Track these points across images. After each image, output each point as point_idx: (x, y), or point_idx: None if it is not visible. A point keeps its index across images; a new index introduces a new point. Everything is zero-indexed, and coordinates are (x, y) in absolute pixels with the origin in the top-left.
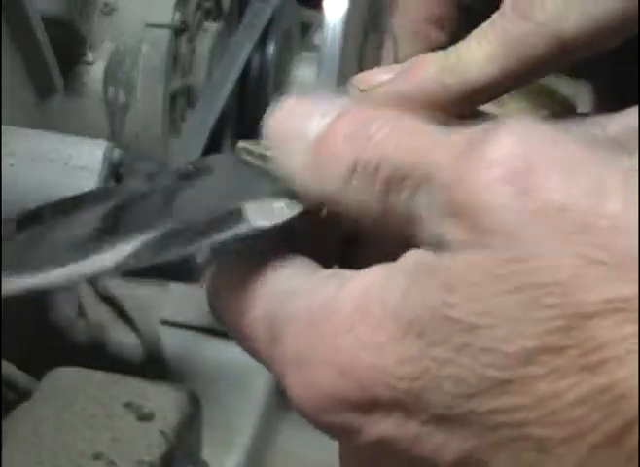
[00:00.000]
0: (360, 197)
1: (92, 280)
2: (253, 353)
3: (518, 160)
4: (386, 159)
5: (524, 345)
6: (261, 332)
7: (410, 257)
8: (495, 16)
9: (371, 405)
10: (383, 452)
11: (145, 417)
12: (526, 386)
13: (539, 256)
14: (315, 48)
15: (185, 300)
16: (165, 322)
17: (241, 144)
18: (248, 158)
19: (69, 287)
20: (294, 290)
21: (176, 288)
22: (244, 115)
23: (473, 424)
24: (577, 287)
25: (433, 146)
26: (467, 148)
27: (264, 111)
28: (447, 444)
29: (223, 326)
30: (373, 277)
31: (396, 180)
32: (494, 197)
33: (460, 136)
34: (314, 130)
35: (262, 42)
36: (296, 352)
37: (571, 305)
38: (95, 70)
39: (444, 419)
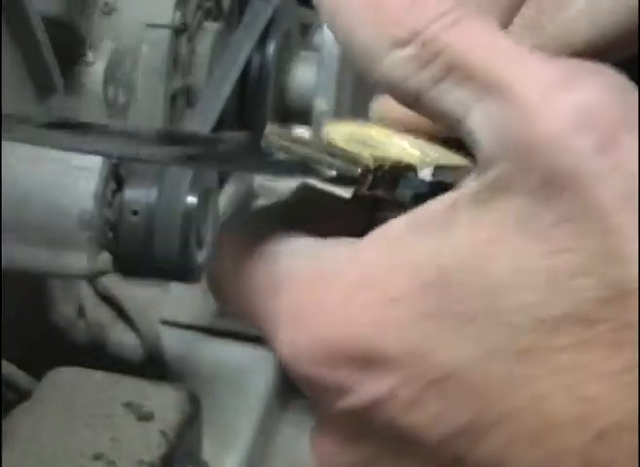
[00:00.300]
0: (404, 73)
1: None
2: (250, 315)
3: (610, 113)
4: (455, 46)
5: (556, 312)
6: (260, 288)
7: (440, 202)
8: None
9: (372, 361)
10: (367, 422)
11: (145, 417)
12: (547, 356)
13: (600, 219)
14: (315, 48)
15: (185, 300)
16: (165, 322)
17: (272, 130)
18: (284, 143)
19: (108, 156)
20: (298, 251)
21: (176, 288)
22: (244, 115)
23: (477, 395)
24: (626, 260)
25: (516, 60)
26: (557, 83)
27: (264, 111)
28: (443, 415)
29: (220, 322)
30: (396, 228)
31: (457, 75)
32: (572, 148)
33: (552, 65)
34: None
35: (262, 42)
36: (295, 304)
37: (615, 277)
38: (95, 70)
39: (446, 386)
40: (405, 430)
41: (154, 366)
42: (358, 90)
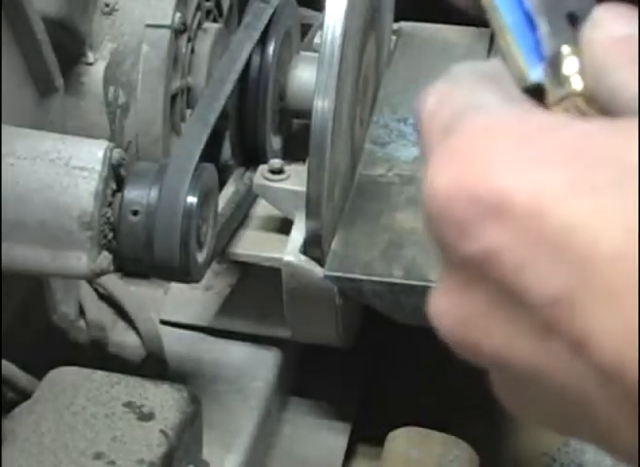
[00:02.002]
0: None
1: None
2: (425, 145)
3: None
4: None
5: None
6: (438, 124)
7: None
8: None
9: (499, 211)
10: (483, 273)
11: (145, 417)
12: None
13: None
14: (315, 48)
15: (185, 300)
16: (165, 322)
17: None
18: None
19: None
20: (486, 104)
21: (176, 288)
22: (244, 115)
23: (586, 264)
24: None
25: None
26: None
27: (264, 111)
28: (550, 278)
29: None
30: (565, 118)
31: None
32: None
33: None
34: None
35: (262, 42)
36: (455, 145)
37: None
38: (95, 70)
39: (559, 251)
40: (514, 287)
41: (154, 366)
42: (358, 90)
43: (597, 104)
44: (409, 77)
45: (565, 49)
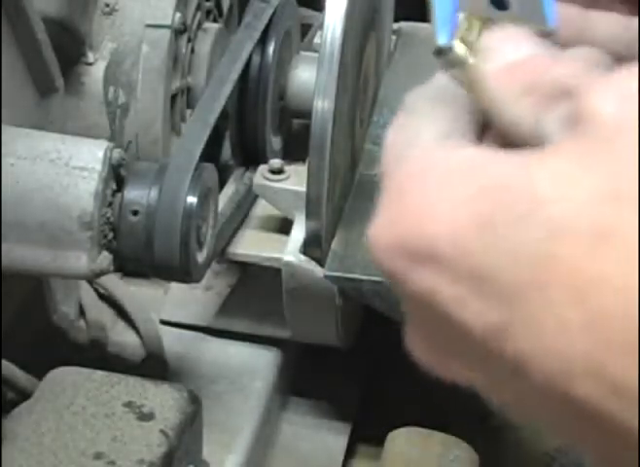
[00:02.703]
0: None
1: None
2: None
3: None
4: None
5: (589, 222)
6: (391, 159)
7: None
8: None
9: (426, 257)
10: (425, 309)
11: (145, 417)
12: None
13: None
14: (315, 48)
15: (185, 300)
16: (165, 322)
17: None
18: None
19: None
20: (423, 141)
21: (176, 288)
22: (244, 115)
23: (511, 296)
24: None
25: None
26: None
27: (264, 111)
28: (485, 312)
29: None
30: (486, 152)
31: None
32: None
33: None
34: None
35: (262, 42)
36: (393, 192)
37: None
38: (95, 70)
39: (485, 288)
40: (454, 324)
41: (154, 366)
42: (358, 90)
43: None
44: (409, 77)
45: (462, 23)
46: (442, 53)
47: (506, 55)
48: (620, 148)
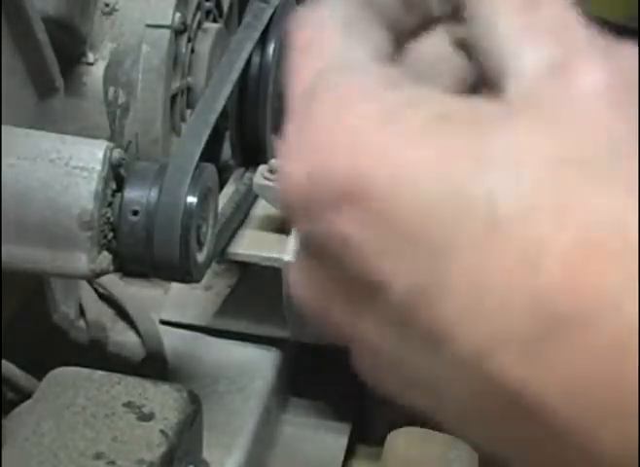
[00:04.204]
0: None
1: None
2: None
3: None
4: None
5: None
6: (302, 81)
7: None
8: None
9: (357, 197)
10: (332, 254)
11: (145, 417)
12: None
13: None
14: None
15: (185, 300)
16: (165, 322)
17: None
18: None
19: None
20: (352, 64)
21: (176, 288)
22: (244, 115)
23: (440, 257)
24: None
25: None
26: None
27: (264, 111)
28: (407, 269)
29: None
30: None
31: None
32: None
33: None
34: None
35: (262, 42)
36: (320, 122)
37: None
38: (95, 70)
39: (412, 244)
40: (367, 275)
41: (154, 366)
42: None
43: None
44: None
45: None
46: None
47: None
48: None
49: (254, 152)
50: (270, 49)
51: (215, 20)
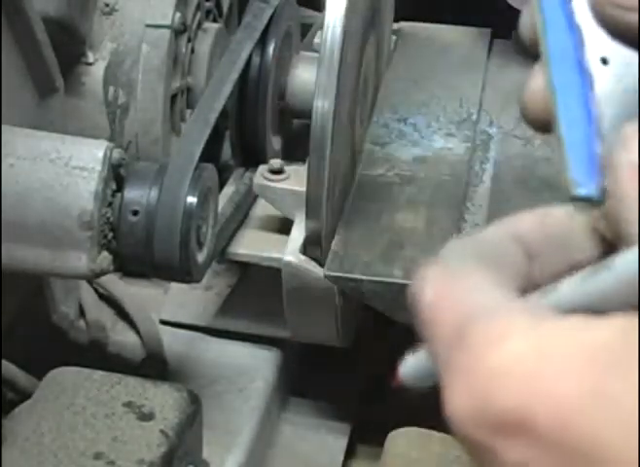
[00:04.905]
0: None
1: None
2: (434, 352)
3: None
4: None
5: None
6: (445, 326)
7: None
8: None
9: (523, 430)
10: None
11: (145, 417)
12: None
13: None
14: (315, 48)
15: (185, 300)
16: (165, 322)
17: None
18: None
19: None
20: (492, 304)
21: (176, 288)
22: (244, 115)
23: None
24: None
25: None
26: None
27: (264, 111)
28: None
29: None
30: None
31: None
32: None
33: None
34: None
35: (262, 42)
36: (469, 364)
37: None
38: (95, 70)
39: (591, 460)
40: None
41: (154, 366)
42: (358, 90)
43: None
44: (409, 77)
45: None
46: (581, 200)
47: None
48: None
49: (254, 152)
50: (270, 49)
51: (215, 20)
